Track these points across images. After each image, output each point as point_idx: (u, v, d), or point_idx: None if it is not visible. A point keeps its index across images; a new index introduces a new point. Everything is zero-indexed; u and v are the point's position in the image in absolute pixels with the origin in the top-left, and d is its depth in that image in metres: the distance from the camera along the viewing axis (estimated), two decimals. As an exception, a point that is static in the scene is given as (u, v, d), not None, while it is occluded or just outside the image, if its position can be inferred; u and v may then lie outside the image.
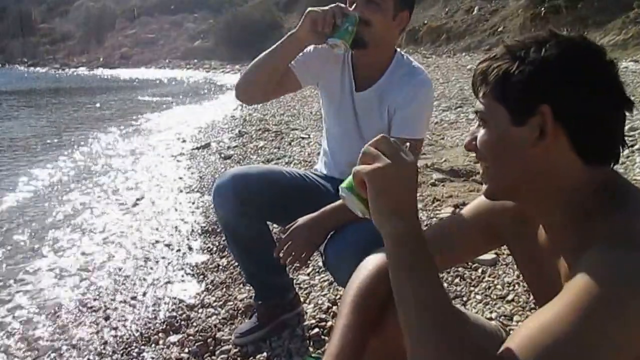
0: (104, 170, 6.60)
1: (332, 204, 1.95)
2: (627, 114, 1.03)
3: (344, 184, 1.13)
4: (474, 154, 1.14)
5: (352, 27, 1.88)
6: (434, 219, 3.47)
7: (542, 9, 15.26)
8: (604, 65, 1.02)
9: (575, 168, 1.02)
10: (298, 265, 1.93)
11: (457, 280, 2.69)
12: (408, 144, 1.11)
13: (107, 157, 7.49)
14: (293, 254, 1.89)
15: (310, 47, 2.16)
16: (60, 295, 3.12)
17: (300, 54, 2.14)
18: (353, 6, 1.97)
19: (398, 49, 2.14)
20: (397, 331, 1.27)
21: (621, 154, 1.06)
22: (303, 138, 6.74)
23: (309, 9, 1.90)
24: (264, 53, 2.06)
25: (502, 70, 1.03)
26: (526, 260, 1.29)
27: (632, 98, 1.05)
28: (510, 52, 1.04)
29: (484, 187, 1.15)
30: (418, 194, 3.89)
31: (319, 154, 2.58)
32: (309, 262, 2.97)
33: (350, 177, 1.10)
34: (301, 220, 1.93)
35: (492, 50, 1.11)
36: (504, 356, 0.88)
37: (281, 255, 1.90)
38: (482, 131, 1.09)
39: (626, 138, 1.05)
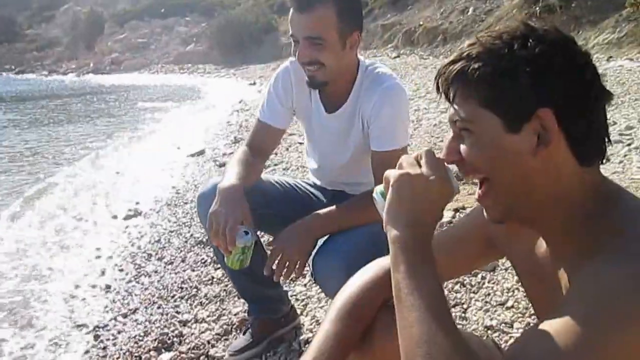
0: (94, 182, 6.45)
1: (323, 210, 1.93)
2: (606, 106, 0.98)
3: (378, 187, 1.13)
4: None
5: (242, 255, 1.77)
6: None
7: (537, 8, 15.29)
8: (586, 55, 0.96)
9: (573, 172, 0.96)
10: (294, 277, 1.88)
11: (457, 287, 2.64)
12: (455, 168, 1.04)
13: (99, 167, 7.39)
14: (287, 265, 1.82)
15: (271, 88, 2.16)
16: (48, 314, 3.04)
17: (265, 101, 2.16)
18: (297, 52, 1.90)
19: (362, 59, 2.06)
20: (383, 348, 1.23)
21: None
22: (300, 143, 6.63)
23: (210, 211, 1.78)
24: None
25: (489, 72, 0.94)
26: (526, 272, 1.23)
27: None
28: (491, 50, 0.95)
29: (485, 210, 1.07)
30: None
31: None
32: (305, 272, 2.92)
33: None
34: (289, 228, 1.87)
35: (459, 49, 0.99)
36: None
37: (274, 268, 1.83)
38: (466, 142, 1.00)
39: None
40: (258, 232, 1.81)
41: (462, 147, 1.00)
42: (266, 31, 30.73)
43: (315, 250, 1.88)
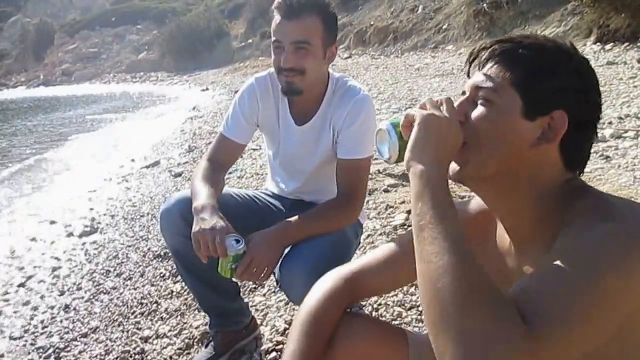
0: (47, 199, 6.30)
1: (290, 219, 1.94)
2: None
3: (391, 119, 1.16)
4: None
5: (235, 263, 1.79)
6: (388, 227, 3.46)
7: (484, 4, 15.57)
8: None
9: (556, 172, 1.05)
10: (258, 283, 1.90)
11: (412, 289, 2.66)
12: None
13: (50, 183, 7.21)
14: (255, 271, 1.82)
15: (237, 105, 2.18)
16: (4, 337, 2.97)
17: (230, 117, 2.19)
18: (281, 58, 1.94)
19: (330, 71, 2.13)
20: (346, 353, 1.29)
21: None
22: (254, 150, 6.65)
23: (193, 232, 1.80)
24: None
25: (533, 61, 1.04)
26: (488, 270, 1.27)
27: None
28: (542, 46, 1.06)
29: (456, 167, 1.11)
30: (371, 201, 3.87)
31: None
32: (263, 282, 2.94)
33: (398, 115, 1.15)
34: (259, 237, 1.87)
35: (508, 35, 1.11)
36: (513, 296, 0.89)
37: (242, 275, 1.81)
38: (482, 109, 1.07)
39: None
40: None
41: (475, 112, 1.08)
42: (218, 36, 30.59)
43: (281, 259, 1.91)
